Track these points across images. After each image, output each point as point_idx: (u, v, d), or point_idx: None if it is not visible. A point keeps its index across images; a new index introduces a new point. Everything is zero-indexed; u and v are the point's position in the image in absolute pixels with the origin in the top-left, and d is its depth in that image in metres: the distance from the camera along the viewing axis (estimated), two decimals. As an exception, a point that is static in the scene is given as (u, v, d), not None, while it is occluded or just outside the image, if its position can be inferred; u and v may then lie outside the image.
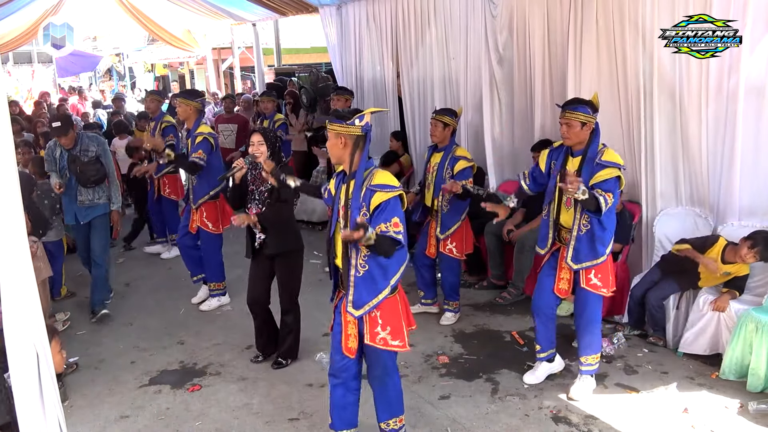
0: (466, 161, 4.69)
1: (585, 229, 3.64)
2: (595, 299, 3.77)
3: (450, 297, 4.98)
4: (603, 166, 3.54)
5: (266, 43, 13.83)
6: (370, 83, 7.91)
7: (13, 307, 2.18)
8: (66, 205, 5.33)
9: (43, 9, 11.42)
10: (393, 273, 2.96)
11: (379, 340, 3.00)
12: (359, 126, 2.90)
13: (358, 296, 2.96)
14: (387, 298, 2.97)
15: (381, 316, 2.99)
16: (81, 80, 19.44)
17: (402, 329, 3.03)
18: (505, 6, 5.72)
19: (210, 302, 5.49)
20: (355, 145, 2.92)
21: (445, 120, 4.71)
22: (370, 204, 2.86)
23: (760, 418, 3.54)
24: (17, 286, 2.17)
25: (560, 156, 3.76)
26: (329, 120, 2.98)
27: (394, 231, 2.81)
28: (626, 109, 4.79)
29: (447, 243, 4.80)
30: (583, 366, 3.88)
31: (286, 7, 9.68)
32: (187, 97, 5.48)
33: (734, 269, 4.15)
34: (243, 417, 3.79)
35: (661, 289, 4.39)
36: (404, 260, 3.02)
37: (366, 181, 2.90)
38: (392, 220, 2.82)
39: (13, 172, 2.15)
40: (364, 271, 2.93)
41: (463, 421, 3.63)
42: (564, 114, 3.63)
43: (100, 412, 3.91)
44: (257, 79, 13.02)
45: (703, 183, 4.46)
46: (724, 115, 4.27)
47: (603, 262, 3.67)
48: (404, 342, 3.04)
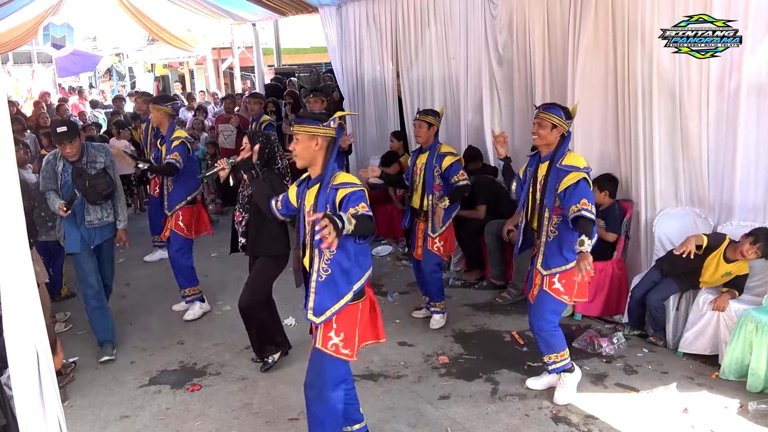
0: (452, 156, 4.70)
1: (553, 235, 3.62)
2: (553, 303, 3.66)
3: (436, 298, 4.93)
4: (566, 171, 3.51)
5: (266, 43, 13.84)
6: (370, 83, 7.91)
7: (14, 307, 2.18)
8: (68, 230, 4.49)
9: (43, 9, 11.42)
10: (356, 278, 2.87)
11: (330, 346, 2.89)
12: (333, 128, 2.88)
13: (320, 302, 2.87)
14: (348, 305, 2.87)
15: (336, 321, 2.88)
16: (81, 80, 19.44)
17: (354, 339, 2.92)
18: (505, 6, 5.72)
19: (193, 310, 5.31)
20: (328, 147, 2.89)
21: (429, 120, 4.72)
22: (334, 202, 2.81)
23: (760, 418, 3.55)
24: (17, 285, 2.17)
25: (534, 163, 3.78)
26: (298, 122, 2.92)
27: (363, 211, 2.72)
28: (626, 109, 4.79)
29: (435, 241, 4.78)
30: (549, 366, 3.80)
31: (286, 7, 9.68)
32: (158, 102, 5.36)
33: (735, 268, 4.15)
34: (243, 417, 3.79)
35: (662, 289, 4.39)
36: (368, 266, 2.95)
37: (330, 183, 2.86)
38: (359, 204, 2.74)
39: (13, 172, 2.15)
40: (327, 275, 2.85)
41: (463, 421, 3.63)
42: (538, 113, 3.66)
43: (100, 412, 3.91)
44: (257, 79, 13.03)
45: (703, 183, 4.46)
46: (725, 114, 4.27)
47: (571, 269, 3.53)
48: (354, 353, 2.93)
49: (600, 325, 4.83)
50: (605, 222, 4.86)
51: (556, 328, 3.75)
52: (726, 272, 4.18)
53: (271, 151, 4.12)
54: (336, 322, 2.89)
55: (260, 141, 4.06)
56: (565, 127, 3.62)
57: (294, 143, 2.92)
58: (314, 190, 2.91)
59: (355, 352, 2.95)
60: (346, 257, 2.84)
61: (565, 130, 3.63)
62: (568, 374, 3.81)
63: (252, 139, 4.08)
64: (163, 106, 5.26)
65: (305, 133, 2.87)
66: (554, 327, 3.73)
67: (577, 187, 3.45)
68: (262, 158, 4.05)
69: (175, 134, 5.20)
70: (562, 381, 3.82)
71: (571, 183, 3.47)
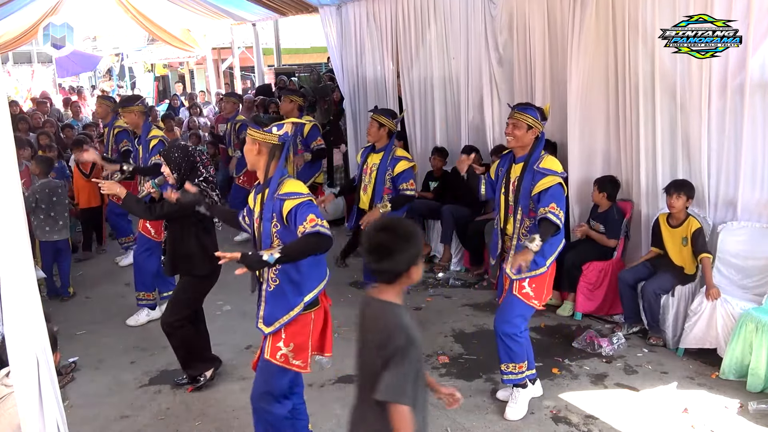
0: (407, 161, 4.64)
1: (524, 238, 3.51)
2: (521, 307, 3.54)
3: None
4: (543, 174, 3.45)
5: (266, 43, 13.82)
6: (371, 83, 7.91)
7: (14, 313, 2.18)
8: None
9: (43, 9, 11.41)
10: (308, 290, 2.84)
11: (279, 357, 2.85)
12: (276, 134, 2.82)
13: (270, 312, 2.84)
14: (300, 315, 2.84)
15: (286, 331, 2.84)
16: (81, 80, 19.43)
17: (307, 349, 2.88)
18: (505, 6, 5.72)
19: (137, 316, 5.18)
20: (270, 153, 2.83)
21: (381, 120, 4.66)
22: (281, 213, 2.76)
23: (760, 418, 3.55)
24: (18, 290, 2.16)
25: (506, 163, 3.71)
26: (250, 124, 2.92)
27: (311, 226, 2.67)
28: (627, 109, 4.80)
29: None
30: (504, 375, 3.63)
31: (286, 7, 9.67)
32: (126, 104, 5.30)
33: (684, 230, 4.29)
34: (243, 417, 3.78)
35: (657, 281, 4.41)
36: (323, 278, 2.91)
37: (276, 191, 2.81)
38: (308, 218, 2.69)
39: (13, 172, 2.14)
40: (275, 285, 2.82)
41: (463, 421, 3.63)
42: (513, 114, 3.58)
43: (100, 412, 3.91)
44: (257, 79, 13.02)
45: (702, 183, 4.46)
46: (727, 114, 4.26)
47: (542, 274, 3.48)
48: (306, 363, 2.89)
49: (600, 325, 4.82)
50: (605, 228, 4.86)
51: (521, 333, 3.57)
52: (683, 237, 4.30)
53: (188, 164, 3.84)
54: (285, 332, 2.85)
55: (176, 156, 3.82)
56: (540, 128, 3.54)
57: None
58: (260, 198, 2.87)
59: (307, 363, 2.91)
60: (294, 269, 2.80)
61: (540, 132, 3.55)
62: (521, 389, 3.63)
63: (166, 156, 3.84)
64: (134, 106, 5.20)
65: (249, 137, 2.86)
66: (519, 332, 3.56)
67: (550, 190, 3.40)
68: (180, 173, 3.82)
69: (151, 133, 5.18)
70: (514, 396, 3.65)
71: (546, 186, 3.42)
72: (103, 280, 6.36)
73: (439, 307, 5.32)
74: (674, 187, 4.30)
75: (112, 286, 6.14)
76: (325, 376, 4.14)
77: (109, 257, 7.08)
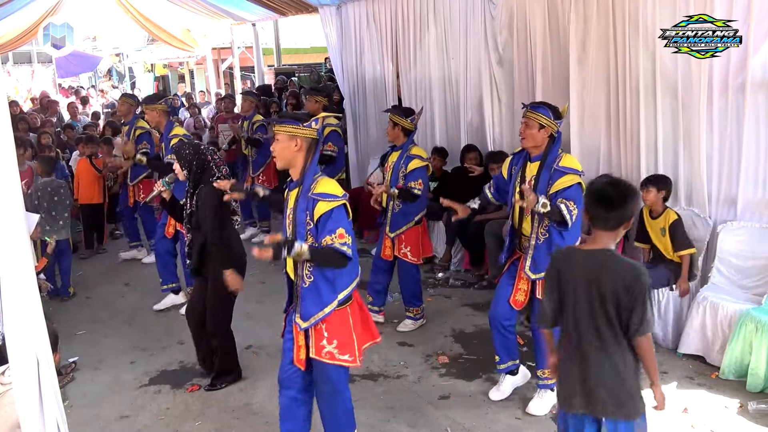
0: (419, 160, 4.64)
1: (543, 237, 3.50)
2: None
3: (409, 303, 4.87)
4: (563, 172, 3.42)
5: (266, 43, 13.82)
6: (371, 83, 7.90)
7: (14, 313, 2.18)
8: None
9: (43, 9, 11.41)
10: (342, 287, 2.85)
11: (325, 354, 2.88)
12: (315, 129, 2.82)
13: (306, 308, 2.87)
14: (336, 311, 2.86)
15: (327, 329, 2.86)
16: (81, 80, 19.44)
17: (352, 343, 2.90)
18: (505, 6, 5.72)
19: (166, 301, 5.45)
20: (309, 148, 2.83)
21: (395, 119, 4.68)
22: (313, 214, 2.76)
23: (760, 417, 3.55)
24: (18, 290, 2.17)
25: (519, 161, 3.69)
26: (279, 121, 2.87)
27: (340, 243, 2.70)
28: (627, 109, 4.79)
29: (401, 246, 4.69)
30: (540, 380, 3.70)
31: (286, 7, 9.67)
32: (150, 102, 5.33)
33: (663, 221, 4.34)
34: (243, 417, 3.79)
35: (653, 274, 4.38)
36: (356, 274, 2.91)
37: (310, 189, 2.80)
38: (337, 232, 2.71)
39: (13, 172, 2.15)
40: (310, 282, 2.84)
41: (463, 421, 3.63)
42: (525, 113, 3.56)
43: (100, 412, 3.91)
44: (257, 79, 13.02)
45: (701, 183, 4.46)
46: (728, 114, 4.26)
47: None
48: (355, 357, 2.91)
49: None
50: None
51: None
52: (661, 228, 4.35)
53: (200, 163, 3.83)
54: (326, 330, 2.87)
55: (186, 153, 3.81)
56: (554, 128, 3.50)
57: (274, 143, 2.88)
58: (295, 194, 2.87)
59: (356, 357, 2.92)
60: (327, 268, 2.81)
61: (554, 131, 3.51)
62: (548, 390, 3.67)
63: (177, 152, 3.82)
64: (158, 104, 5.24)
65: (285, 133, 2.81)
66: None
67: (569, 190, 3.39)
68: (192, 172, 3.81)
69: (173, 132, 5.20)
70: (540, 393, 3.72)
71: (565, 185, 3.40)
72: (103, 279, 6.36)
73: (439, 307, 5.32)
74: (646, 182, 4.45)
75: (112, 285, 6.15)
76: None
77: (109, 256, 7.08)
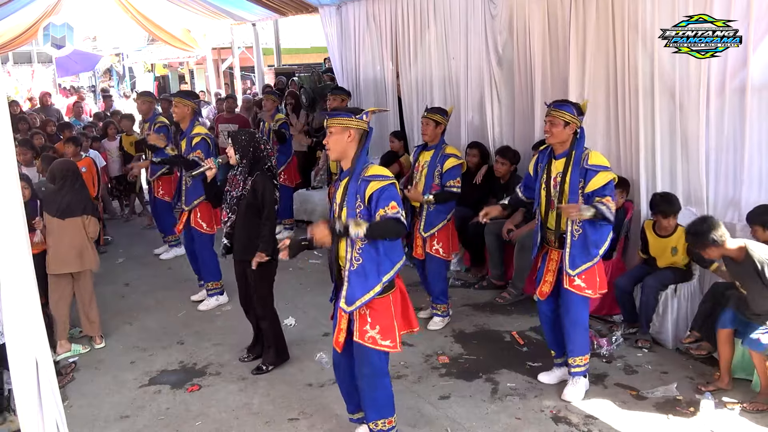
0: (455, 159, 4.69)
1: (578, 234, 3.61)
2: (579, 300, 3.69)
3: (438, 300, 4.91)
4: (595, 171, 3.54)
5: (266, 43, 13.82)
6: (370, 83, 7.90)
7: (14, 316, 2.18)
8: None
9: (43, 9, 11.41)
10: (385, 270, 2.97)
11: (367, 339, 3.02)
12: (366, 121, 2.99)
13: (351, 292, 2.99)
14: (379, 297, 2.98)
15: (370, 315, 3.01)
16: (81, 80, 19.45)
17: (393, 330, 3.04)
18: (505, 6, 5.72)
19: (208, 302, 5.48)
20: (360, 139, 2.99)
21: (436, 118, 4.73)
22: (364, 195, 2.91)
23: (760, 417, 3.55)
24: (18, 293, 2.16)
25: (545, 158, 3.77)
26: (332, 115, 3.02)
27: (393, 212, 2.85)
28: (626, 109, 4.79)
29: (433, 243, 4.75)
30: (572, 368, 3.82)
31: (286, 7, 9.67)
32: (184, 97, 5.48)
33: (674, 241, 4.33)
34: (243, 417, 3.79)
35: (659, 276, 4.42)
36: (399, 259, 3.04)
37: (361, 174, 2.96)
38: (390, 204, 2.86)
39: (13, 173, 2.14)
40: (358, 264, 2.96)
41: (463, 421, 3.63)
42: (549, 111, 3.66)
43: (100, 412, 3.91)
44: (257, 79, 13.02)
45: (700, 183, 4.45)
46: (728, 114, 4.25)
47: (592, 266, 3.63)
48: (395, 343, 3.05)
49: (600, 325, 4.82)
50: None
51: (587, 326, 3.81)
52: (672, 248, 4.33)
53: (256, 150, 4.02)
54: (370, 316, 3.01)
55: (243, 139, 3.97)
56: (578, 124, 3.61)
57: (327, 136, 3.01)
58: (344, 183, 3.01)
59: (397, 343, 3.06)
60: (374, 249, 2.94)
61: (578, 127, 3.62)
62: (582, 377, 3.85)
63: (234, 138, 3.99)
64: (191, 101, 5.40)
65: (339, 126, 2.96)
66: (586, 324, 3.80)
67: (606, 186, 3.53)
68: (248, 158, 3.99)
69: (195, 130, 5.32)
70: (574, 380, 3.84)
71: (602, 183, 3.53)
72: (102, 280, 6.34)
73: (439, 307, 5.31)
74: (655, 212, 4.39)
75: (112, 286, 6.14)
76: (325, 376, 4.14)
77: (109, 257, 7.07)
